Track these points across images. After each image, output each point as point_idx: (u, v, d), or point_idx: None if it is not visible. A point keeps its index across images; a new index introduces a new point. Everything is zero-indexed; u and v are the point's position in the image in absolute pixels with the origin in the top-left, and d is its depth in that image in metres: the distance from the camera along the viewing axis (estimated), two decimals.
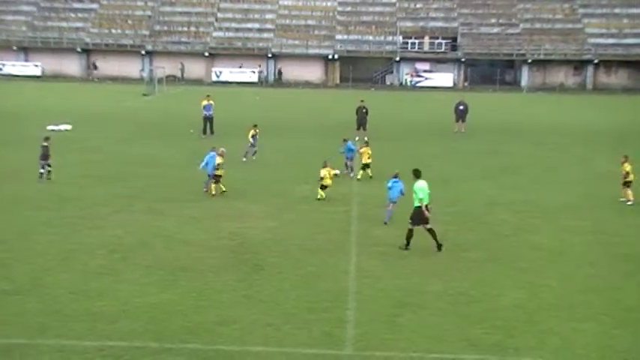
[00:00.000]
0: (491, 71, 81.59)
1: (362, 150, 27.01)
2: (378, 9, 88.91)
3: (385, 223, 20.59)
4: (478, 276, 16.42)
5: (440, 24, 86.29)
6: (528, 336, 13.24)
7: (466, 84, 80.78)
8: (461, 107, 42.53)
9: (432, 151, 34.69)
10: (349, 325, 13.49)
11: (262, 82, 79.91)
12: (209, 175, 23.98)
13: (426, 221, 18.01)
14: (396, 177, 20.97)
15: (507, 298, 15.06)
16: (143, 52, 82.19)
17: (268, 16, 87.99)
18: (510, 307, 14.61)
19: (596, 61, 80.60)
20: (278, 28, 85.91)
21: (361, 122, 37.98)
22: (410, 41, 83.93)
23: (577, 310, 14.47)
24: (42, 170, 25.63)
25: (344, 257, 17.62)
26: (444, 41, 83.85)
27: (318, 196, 23.60)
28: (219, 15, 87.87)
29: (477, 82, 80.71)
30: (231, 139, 36.34)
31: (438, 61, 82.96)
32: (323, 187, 23.69)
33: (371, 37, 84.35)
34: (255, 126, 31.44)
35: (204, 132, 37.86)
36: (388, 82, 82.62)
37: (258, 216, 21.45)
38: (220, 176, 23.85)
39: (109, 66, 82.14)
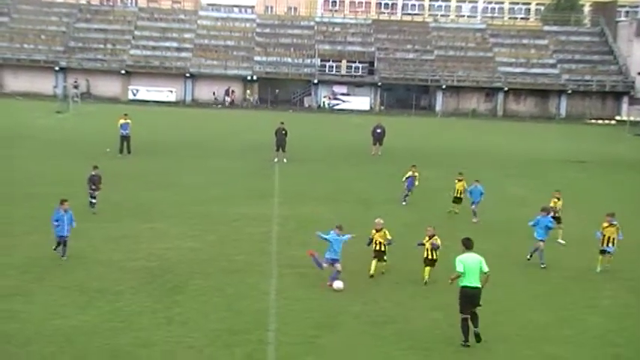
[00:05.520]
0: (406, 96, 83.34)
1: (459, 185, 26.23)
2: (296, 31, 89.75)
3: (543, 266, 19.90)
4: (396, 297, 16.75)
5: (357, 48, 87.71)
6: (446, 355, 13.58)
7: (382, 108, 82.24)
8: (378, 130, 43.27)
9: (350, 173, 35.20)
10: (270, 347, 13.54)
11: (180, 102, 79.24)
12: (329, 260, 17.29)
13: (475, 304, 13.99)
14: (547, 212, 20.47)
15: (425, 319, 15.41)
16: (57, 69, 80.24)
17: (187, 35, 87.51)
18: (428, 327, 14.95)
19: (505, 89, 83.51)
20: (196, 48, 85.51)
21: (280, 144, 38.18)
22: (328, 64, 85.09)
23: (493, 330, 14.92)
24: (92, 200, 24.29)
25: (264, 278, 17.66)
26: (361, 65, 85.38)
27: None
28: (137, 33, 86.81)
29: (392, 106, 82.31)
30: (148, 159, 36.01)
31: (355, 85, 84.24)
32: None
33: (289, 60, 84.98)
34: (414, 166, 29.35)
35: (121, 151, 37.23)
36: (306, 105, 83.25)
37: (178, 237, 21.23)
38: (383, 252, 18.54)
39: (19, 81, 79.79)
